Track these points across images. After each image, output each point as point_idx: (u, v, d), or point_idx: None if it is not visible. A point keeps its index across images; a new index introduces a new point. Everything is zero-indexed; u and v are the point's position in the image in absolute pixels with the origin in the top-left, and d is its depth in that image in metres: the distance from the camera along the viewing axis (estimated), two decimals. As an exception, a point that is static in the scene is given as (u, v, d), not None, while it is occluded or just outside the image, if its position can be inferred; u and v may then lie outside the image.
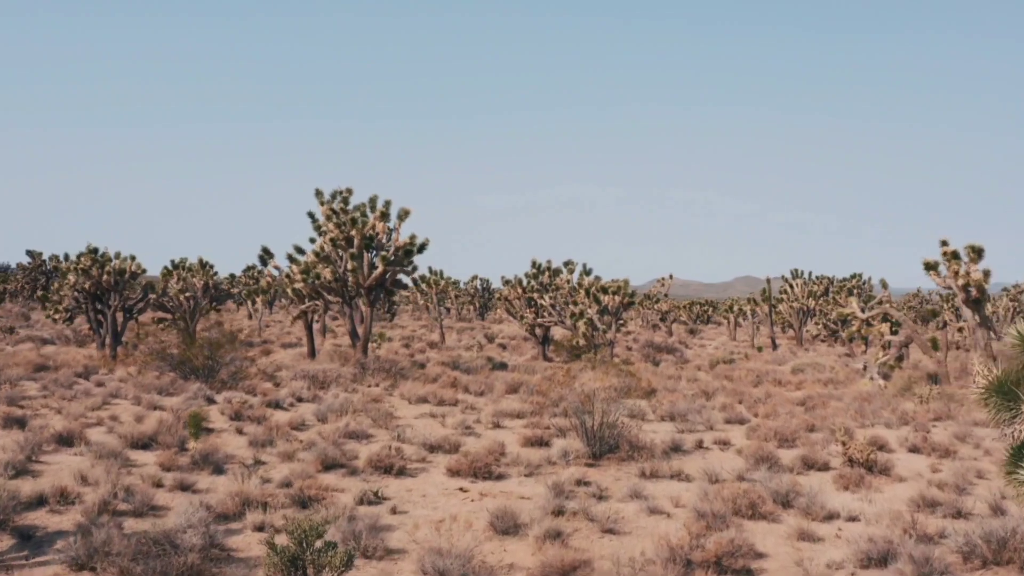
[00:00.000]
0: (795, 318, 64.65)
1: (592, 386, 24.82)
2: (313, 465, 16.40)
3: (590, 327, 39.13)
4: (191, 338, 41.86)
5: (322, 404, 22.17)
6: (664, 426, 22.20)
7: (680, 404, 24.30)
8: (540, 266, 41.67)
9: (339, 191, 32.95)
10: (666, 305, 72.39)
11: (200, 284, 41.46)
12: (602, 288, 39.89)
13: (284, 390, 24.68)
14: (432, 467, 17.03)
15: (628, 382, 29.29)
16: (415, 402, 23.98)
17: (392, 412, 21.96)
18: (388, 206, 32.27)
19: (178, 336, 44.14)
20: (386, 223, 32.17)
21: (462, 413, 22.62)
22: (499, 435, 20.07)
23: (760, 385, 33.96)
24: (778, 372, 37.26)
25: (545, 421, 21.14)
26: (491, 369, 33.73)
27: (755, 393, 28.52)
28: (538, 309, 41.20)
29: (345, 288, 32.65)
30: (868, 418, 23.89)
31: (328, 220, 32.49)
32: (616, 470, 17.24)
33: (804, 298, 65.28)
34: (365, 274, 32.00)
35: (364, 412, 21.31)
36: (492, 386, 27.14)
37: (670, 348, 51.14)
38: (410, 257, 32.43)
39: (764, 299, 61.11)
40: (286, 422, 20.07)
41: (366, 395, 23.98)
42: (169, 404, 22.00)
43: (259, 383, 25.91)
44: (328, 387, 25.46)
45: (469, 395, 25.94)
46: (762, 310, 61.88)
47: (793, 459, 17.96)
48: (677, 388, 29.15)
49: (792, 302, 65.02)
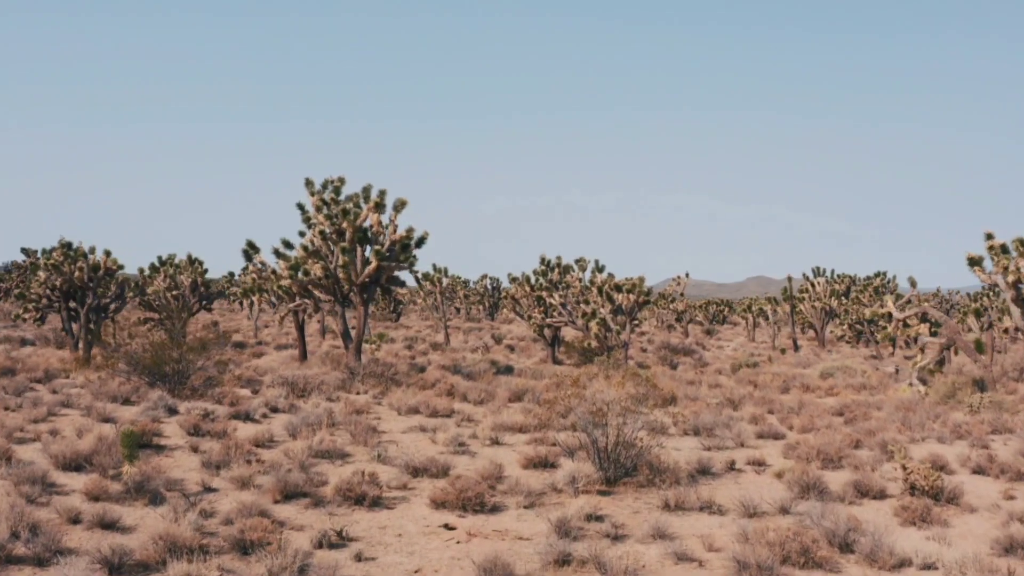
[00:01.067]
0: (817, 318, 61.59)
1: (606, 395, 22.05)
2: (270, 494, 13.60)
3: (603, 328, 36.25)
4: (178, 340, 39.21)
5: (298, 416, 19.35)
6: (688, 442, 19.32)
7: (705, 415, 21.42)
8: (549, 263, 38.75)
9: (330, 180, 30.16)
10: (682, 305, 69.35)
11: (188, 282, 38.74)
12: (616, 286, 37.00)
13: (259, 399, 21.89)
14: (414, 496, 14.19)
15: (645, 389, 26.42)
16: (405, 413, 21.14)
17: (376, 426, 19.13)
18: (383, 196, 29.45)
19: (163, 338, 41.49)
20: (381, 215, 29.35)
21: (457, 426, 19.78)
22: (497, 454, 17.23)
23: (788, 391, 31.12)
24: (805, 377, 34.31)
25: (551, 436, 18.28)
26: (495, 373, 30.89)
27: (786, 401, 25.61)
28: (547, 308, 38.34)
29: (337, 285, 29.85)
30: (916, 431, 20.97)
31: (318, 212, 29.70)
32: (634, 499, 14.39)
33: (827, 297, 62.21)
34: (358, 270, 29.19)
35: (344, 425, 18.48)
36: (494, 393, 24.29)
37: (687, 350, 48.21)
38: (408, 252, 29.60)
39: (785, 298, 58.05)
40: (251, 438, 17.26)
41: (350, 405, 21.14)
42: (125, 415, 19.24)
43: (233, 390, 23.11)
44: (309, 395, 22.65)
45: (467, 404, 23.08)
46: (783, 310, 58.82)
47: (843, 485, 15.07)
48: (699, 395, 26.24)
49: (814, 301, 61.94)
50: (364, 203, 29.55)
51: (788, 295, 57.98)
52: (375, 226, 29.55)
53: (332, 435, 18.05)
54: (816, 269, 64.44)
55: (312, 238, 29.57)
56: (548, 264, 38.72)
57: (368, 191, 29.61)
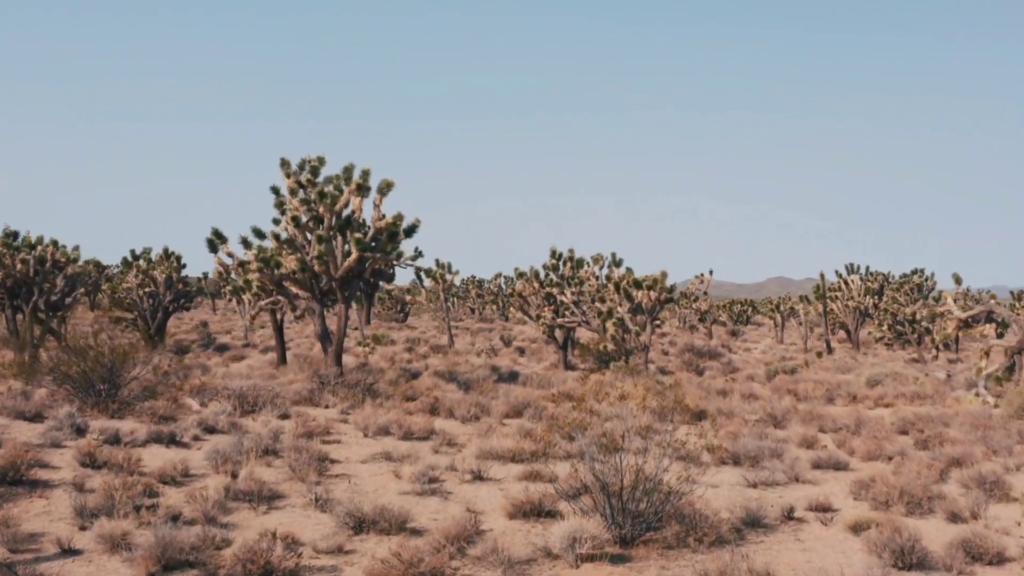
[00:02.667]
0: (851, 318, 57.10)
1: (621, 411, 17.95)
2: (144, 563, 9.51)
3: (620, 329, 32.03)
4: (155, 341, 35.26)
5: (236, 438, 15.25)
6: (727, 475, 15.09)
7: (745, 438, 17.21)
8: (560, 256, 34.48)
9: (308, 160, 26.11)
10: (705, 304, 64.96)
11: (162, 278, 34.77)
12: (635, 282, 32.76)
13: (198, 416, 17.82)
14: (348, 567, 10.03)
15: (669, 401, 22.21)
16: (373, 434, 16.99)
17: (329, 453, 14.99)
18: (367, 177, 25.36)
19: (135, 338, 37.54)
20: (363, 198, 25.26)
21: (434, 453, 15.62)
22: (478, 494, 13.07)
23: (833, 401, 26.89)
24: (849, 384, 29.95)
25: (550, 469, 14.13)
26: (495, 381, 26.73)
27: (837, 416, 21.35)
28: (558, 307, 34.15)
29: (315, 280, 25.79)
30: (1004, 455, 16.72)
31: (293, 195, 25.64)
32: (659, 569, 10.20)
33: (861, 296, 57.69)
34: (338, 262, 25.12)
35: (288, 453, 14.35)
36: (488, 407, 20.13)
37: (713, 353, 43.87)
38: (395, 241, 25.48)
39: (817, 296, 53.60)
40: (159, 471, 13.18)
41: (305, 424, 17.00)
42: (21, 435, 15.20)
43: (177, 404, 19.06)
44: (260, 410, 18.54)
45: (453, 422, 18.91)
46: (816, 309, 54.36)
47: (946, 545, 10.82)
48: (733, 409, 21.96)
49: (847, 300, 57.45)
50: (346, 185, 25.50)
51: (821, 293, 53.53)
52: (357, 212, 25.48)
53: (270, 465, 13.96)
54: (849, 266, 59.88)
55: (286, 225, 25.52)
56: (559, 257, 34.47)
57: (350, 172, 25.54)
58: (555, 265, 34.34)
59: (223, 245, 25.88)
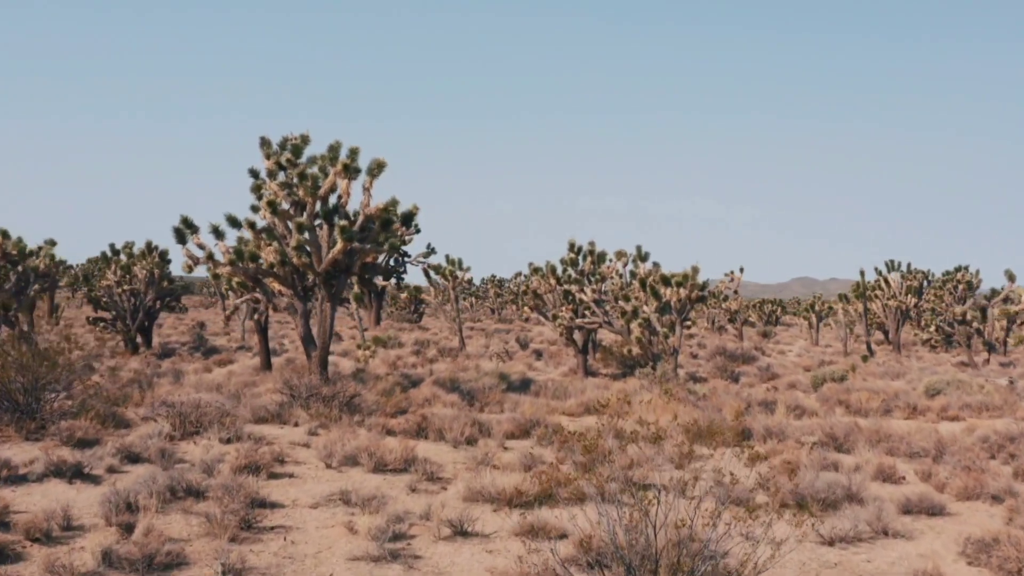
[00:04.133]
0: (891, 319, 53.14)
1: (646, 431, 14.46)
2: None
3: (647, 330, 28.39)
4: (136, 344, 31.98)
5: (160, 470, 11.79)
6: (789, 526, 11.43)
7: (807, 469, 13.60)
8: (580, 249, 30.80)
9: (289, 138, 22.68)
10: (735, 304, 61.09)
11: (144, 275, 31.45)
12: (663, 278, 29.12)
13: (130, 436, 14.39)
14: None
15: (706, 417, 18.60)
16: (339, 463, 13.46)
17: (269, 495, 11.48)
18: (355, 156, 21.89)
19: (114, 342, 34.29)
20: (351, 180, 21.80)
21: (409, 493, 12.10)
22: (455, 561, 9.53)
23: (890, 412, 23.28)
24: (907, 394, 26.17)
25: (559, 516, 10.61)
26: (504, 390, 23.17)
27: (905, 434, 17.69)
28: (577, 306, 30.52)
29: (297, 275, 22.37)
30: None
31: (271, 178, 22.21)
32: None
33: (903, 295, 53.69)
34: (321, 254, 21.69)
35: (222, 493, 10.87)
36: (489, 426, 16.57)
37: (746, 356, 40.15)
38: (388, 230, 21.99)
39: (857, 295, 49.66)
40: (29, 521, 9.73)
41: (252, 451, 13.48)
42: None
43: (93, 425, 15.61)
44: (204, 431, 15.02)
45: (441, 446, 15.32)
46: (855, 309, 50.42)
47: None
48: (783, 427, 18.27)
49: (888, 299, 53.47)
50: (332, 167, 22.06)
51: (861, 292, 49.58)
52: (344, 196, 22.02)
53: (188, 512, 10.49)
54: (890, 263, 55.86)
55: (264, 212, 22.09)
56: (578, 251, 30.81)
57: (336, 151, 22.07)
58: (574, 259, 30.68)
59: (193, 235, 22.44)
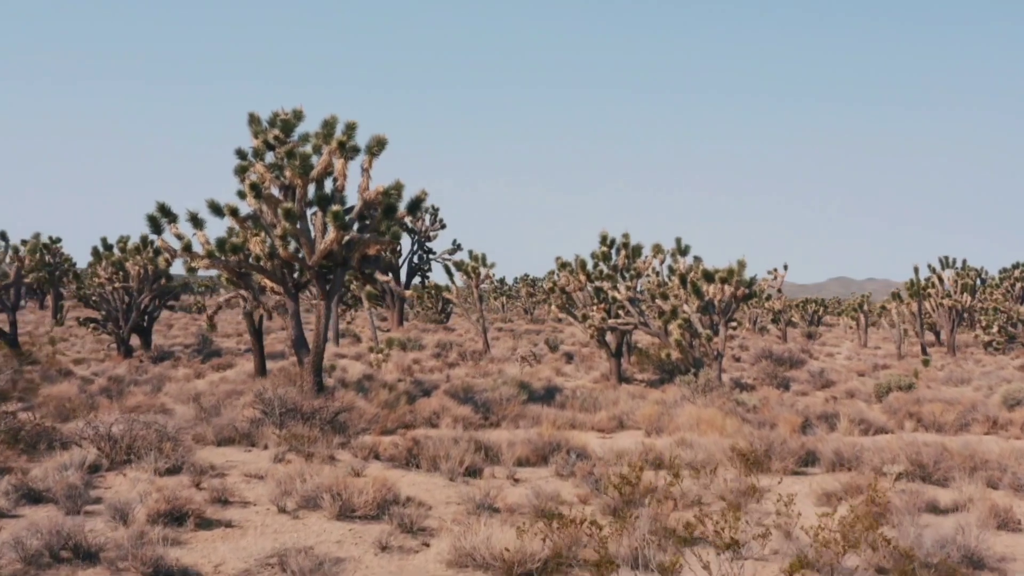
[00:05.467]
0: (945, 318, 49.36)
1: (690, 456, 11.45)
2: None
3: (688, 332, 25.13)
4: (126, 347, 29.19)
5: (66, 514, 8.79)
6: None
7: (895, 513, 10.33)
8: (613, 242, 27.54)
9: (279, 114, 19.69)
10: (779, 303, 57.47)
11: (136, 271, 28.64)
12: (706, 274, 25.84)
13: (43, 465, 11.41)
14: None
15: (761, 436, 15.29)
16: (297, 506, 10.37)
17: (179, 560, 8.41)
18: (352, 133, 18.88)
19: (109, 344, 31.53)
20: (348, 160, 18.77)
21: (377, 552, 8.98)
22: None
23: (967, 427, 20.08)
24: (982, 404, 22.67)
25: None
26: (524, 401, 20.02)
27: (1002, 458, 14.34)
28: (610, 305, 27.29)
29: (287, 269, 19.39)
30: None
31: (258, 158, 19.24)
32: None
33: (958, 293, 49.84)
34: (315, 245, 18.70)
35: (120, 556, 7.82)
36: (498, 450, 13.41)
37: (794, 360, 36.65)
38: (391, 217, 18.94)
39: (912, 293, 45.94)
40: None
41: (182, 490, 10.42)
42: None
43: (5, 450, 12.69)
44: (140, 458, 11.95)
45: (437, 477, 12.17)
46: (909, 308, 46.67)
47: None
48: (856, 450, 14.93)
49: (942, 298, 49.67)
50: (326, 145, 19.06)
51: (916, 290, 45.86)
52: (340, 179, 19.00)
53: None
54: (944, 259, 52.06)
55: (248, 197, 19.12)
56: (611, 244, 27.54)
57: (331, 126, 19.08)
58: (606, 253, 27.41)
59: (171, 225, 19.51)
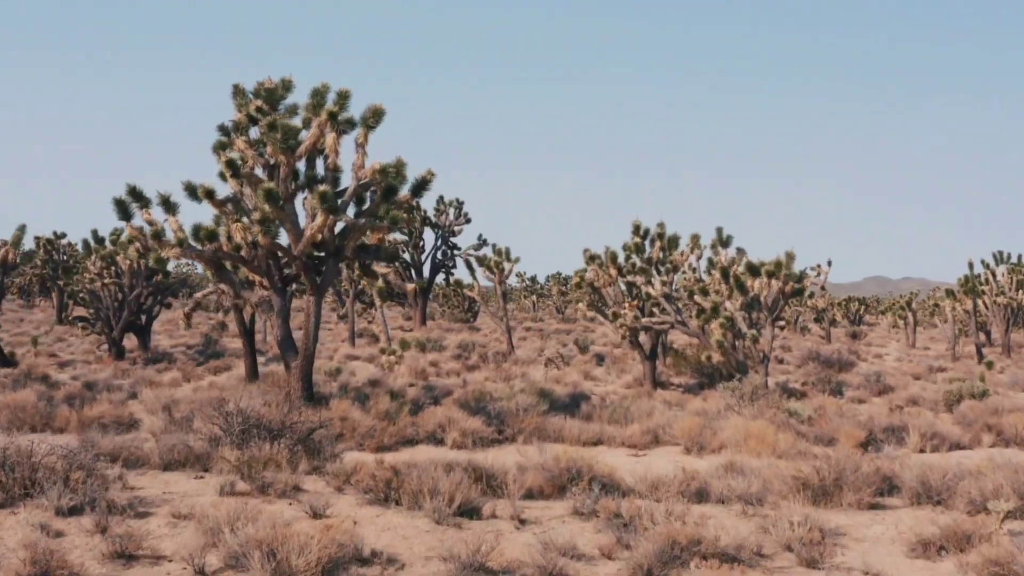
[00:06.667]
0: (998, 317, 45.95)
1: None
2: None
3: (730, 332, 22.29)
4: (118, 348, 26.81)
5: None
6: None
7: None
8: (647, 232, 24.68)
9: (265, 83, 17.10)
10: (822, 301, 54.29)
11: (129, 266, 26.25)
12: (751, 267, 22.99)
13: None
14: None
15: (827, 460, 12.43)
16: (220, 568, 7.71)
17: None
18: (344, 103, 16.27)
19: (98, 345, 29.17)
20: (341, 134, 16.17)
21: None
22: None
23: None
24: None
25: None
26: (544, 412, 17.28)
27: None
28: (643, 302, 24.49)
29: (273, 260, 16.82)
30: None
31: (239, 132, 16.67)
32: None
33: (1012, 290, 46.40)
34: (298, 231, 16.11)
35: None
36: (502, 481, 10.66)
37: (843, 362, 33.71)
38: (390, 200, 16.30)
39: (967, 291, 42.65)
40: None
41: (49, 547, 7.81)
42: None
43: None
44: (43, 491, 9.31)
45: (418, 519, 9.42)
46: (963, 306, 43.34)
47: None
48: (944, 476, 12.04)
49: (996, 296, 46.25)
50: (317, 118, 16.46)
51: (971, 287, 42.57)
52: (331, 155, 16.39)
53: None
54: (998, 255, 48.59)
55: (228, 178, 16.58)
56: (644, 234, 24.68)
57: (321, 95, 16.49)
58: (639, 245, 24.54)
59: (143, 210, 16.98)
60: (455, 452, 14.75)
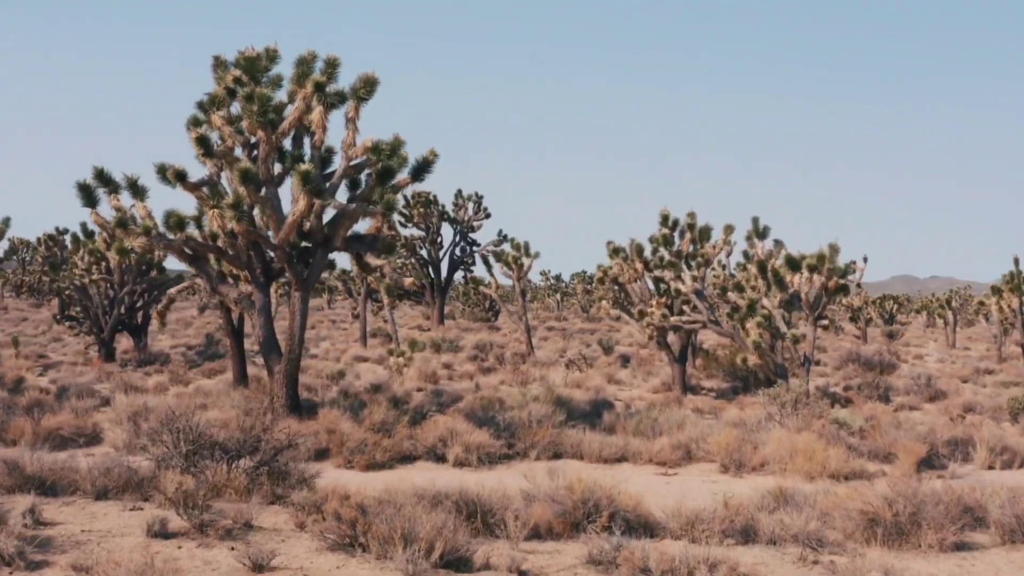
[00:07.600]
0: (1041, 316, 43.23)
1: None
2: None
3: (768, 332, 20.06)
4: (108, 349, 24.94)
5: None
6: None
7: None
8: (676, 223, 22.48)
9: (244, 52, 15.10)
10: (858, 299, 51.80)
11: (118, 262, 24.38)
12: (790, 261, 20.77)
13: None
14: None
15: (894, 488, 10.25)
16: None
17: None
18: (333, 72, 14.25)
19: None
20: (324, 107, 14.14)
21: None
22: None
23: None
24: None
25: None
26: (560, 423, 15.17)
27: None
28: (672, 300, 22.32)
29: (256, 251, 14.85)
30: None
31: (216, 106, 14.69)
32: None
33: (1059, 288, 43.67)
34: (281, 219, 14.11)
35: None
36: (500, 516, 8.57)
37: (884, 363, 31.32)
38: (387, 182, 14.27)
39: (1012, 288, 40.04)
40: None
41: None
42: None
43: None
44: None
45: (388, 573, 7.39)
46: (1009, 305, 40.75)
47: None
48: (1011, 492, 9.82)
49: (1037, 293, 43.56)
50: (302, 89, 14.45)
51: (1017, 284, 39.96)
52: (318, 132, 14.37)
53: None
54: (1045, 251, 46.05)
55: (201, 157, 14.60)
56: (673, 225, 22.48)
57: (307, 64, 14.48)
58: (667, 236, 22.35)
59: (112, 196, 15.04)
60: (457, 471, 12.74)
